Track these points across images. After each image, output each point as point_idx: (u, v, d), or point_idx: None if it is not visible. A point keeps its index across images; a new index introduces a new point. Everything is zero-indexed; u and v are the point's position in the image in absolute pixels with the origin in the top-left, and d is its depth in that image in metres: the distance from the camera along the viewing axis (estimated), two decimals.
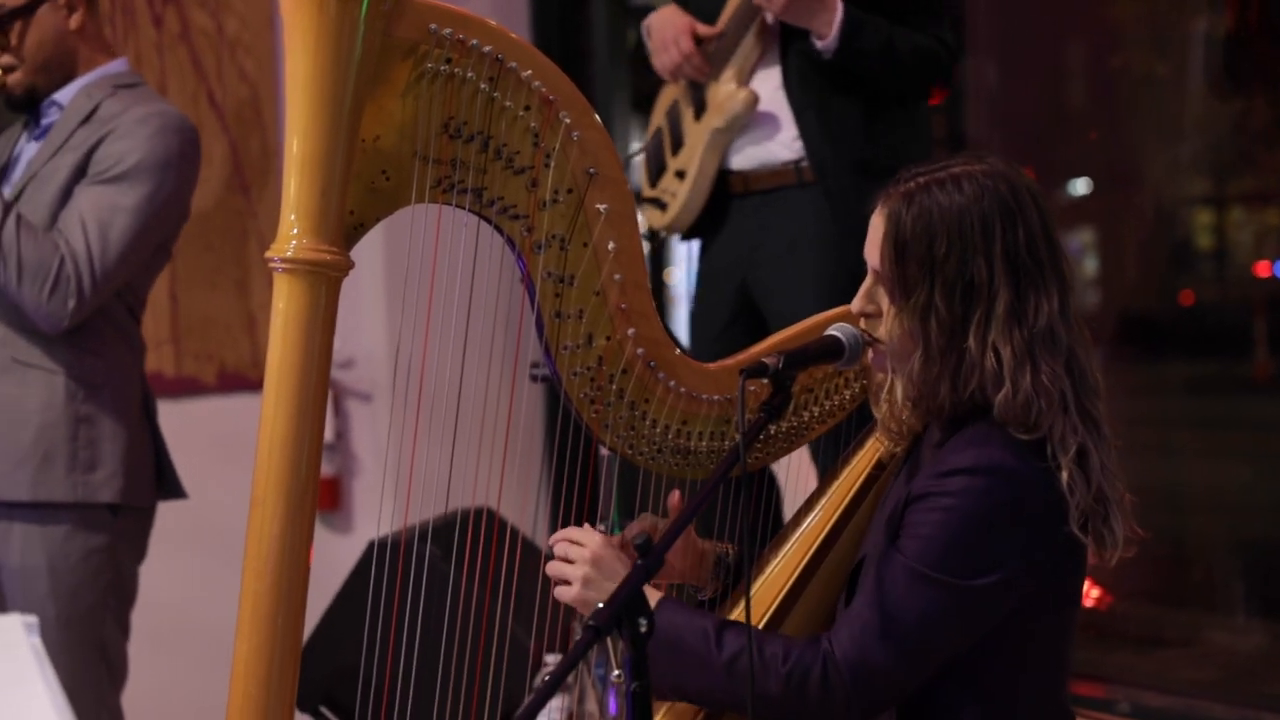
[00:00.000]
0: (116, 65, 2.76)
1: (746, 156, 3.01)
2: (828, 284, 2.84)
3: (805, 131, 2.91)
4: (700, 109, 3.05)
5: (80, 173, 2.63)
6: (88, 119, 2.66)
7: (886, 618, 1.68)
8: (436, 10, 1.74)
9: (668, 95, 3.19)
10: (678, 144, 3.10)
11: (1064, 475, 1.69)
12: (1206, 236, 4.10)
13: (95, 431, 2.65)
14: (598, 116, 1.83)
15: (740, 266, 3.02)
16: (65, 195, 2.62)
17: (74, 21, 2.69)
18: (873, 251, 1.78)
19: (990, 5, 4.05)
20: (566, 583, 1.79)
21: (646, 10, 3.25)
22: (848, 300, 1.87)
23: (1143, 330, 4.04)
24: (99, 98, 2.68)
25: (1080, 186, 4.22)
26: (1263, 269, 3.92)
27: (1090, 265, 4.20)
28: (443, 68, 1.74)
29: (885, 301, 1.77)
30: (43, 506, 2.63)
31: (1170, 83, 4.01)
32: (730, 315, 3.04)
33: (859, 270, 1.85)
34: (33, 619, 1.32)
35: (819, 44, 2.85)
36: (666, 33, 3.03)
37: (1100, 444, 1.73)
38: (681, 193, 3.05)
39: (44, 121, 2.72)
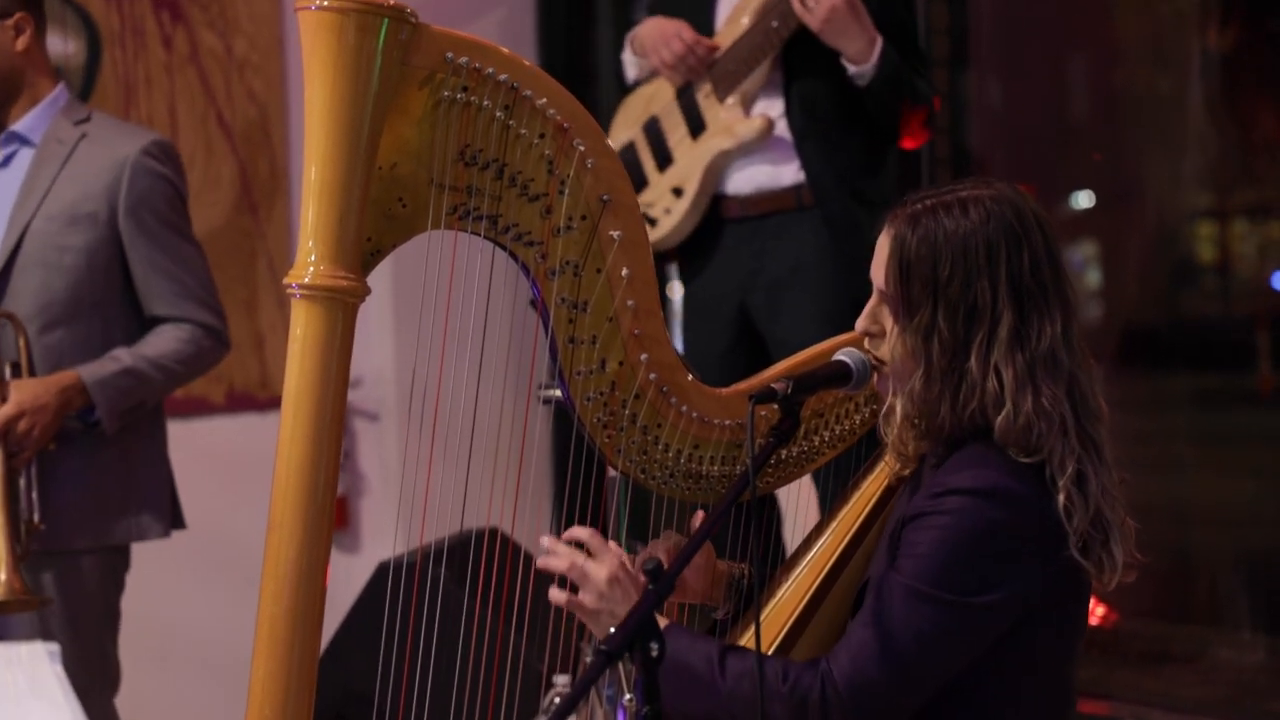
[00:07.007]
0: (60, 94, 2.77)
1: (743, 180, 3.04)
2: (831, 306, 2.87)
3: (806, 159, 2.95)
4: (698, 127, 3.06)
5: (110, 221, 2.68)
6: (67, 161, 2.70)
7: (884, 636, 1.68)
8: (453, 39, 1.76)
9: (635, 108, 3.21)
10: (664, 160, 3.12)
11: (1061, 498, 1.70)
12: (1209, 249, 4.12)
13: (158, 478, 2.77)
14: (611, 143, 1.84)
15: (739, 291, 3.05)
16: (84, 233, 2.68)
17: (21, 43, 2.70)
18: (878, 271, 1.79)
19: (993, 22, 4.07)
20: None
21: None
22: (851, 322, 1.89)
23: (1146, 344, 4.05)
24: (69, 141, 2.71)
25: (1083, 200, 4.24)
26: (1267, 281, 3.94)
27: (1093, 279, 4.21)
28: (459, 96, 1.76)
29: (889, 321, 1.79)
30: (100, 549, 2.72)
31: (1172, 97, 4.04)
32: (730, 340, 3.06)
33: (859, 295, 1.86)
34: (55, 647, 1.34)
35: (854, 69, 2.89)
36: (666, 29, 3.05)
37: (1100, 468, 1.74)
38: (678, 210, 3.08)
39: (2, 152, 2.75)
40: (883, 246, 1.79)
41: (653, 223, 3.11)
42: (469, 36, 1.78)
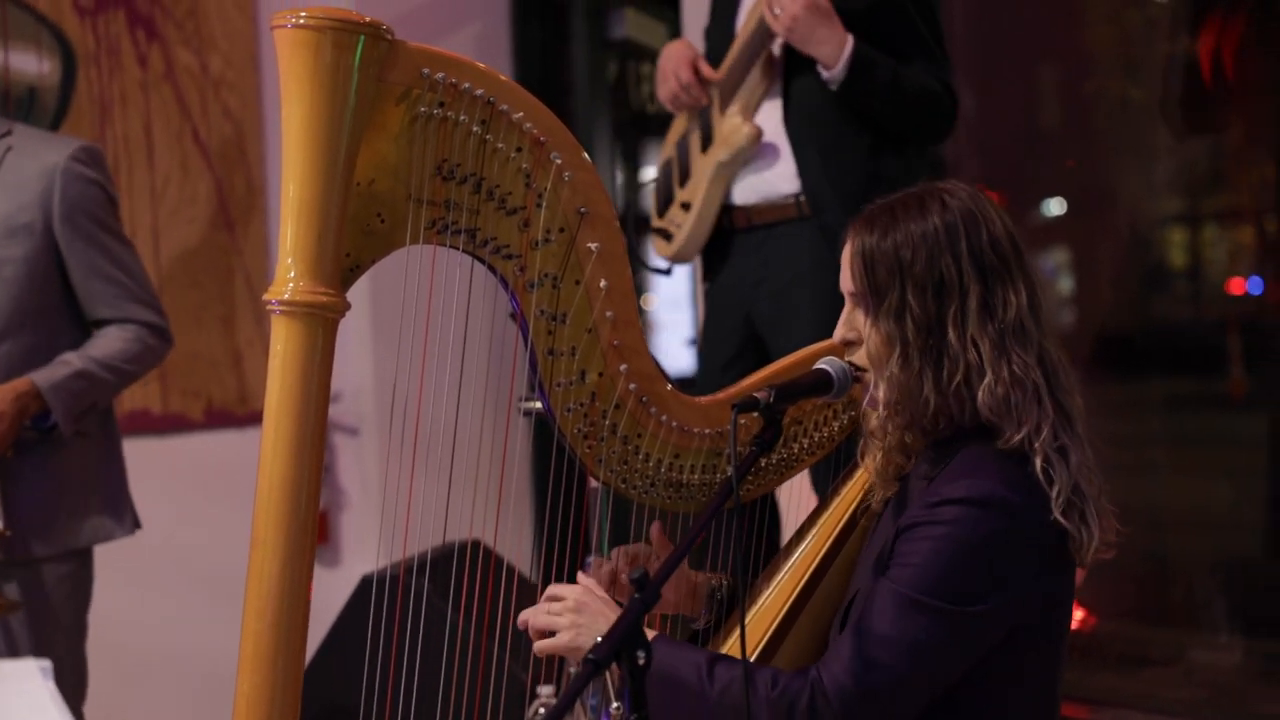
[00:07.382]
0: None
1: (748, 190, 3.04)
2: (830, 316, 2.85)
3: (803, 167, 2.93)
4: (708, 141, 3.07)
5: (46, 229, 2.68)
6: None
7: (875, 644, 1.69)
8: (429, 55, 1.77)
9: (680, 126, 3.21)
10: (685, 175, 3.12)
11: (1038, 460, 1.71)
12: (1180, 255, 4.15)
13: (115, 478, 2.77)
14: (587, 156, 1.86)
15: (744, 301, 3.05)
16: (22, 244, 2.67)
17: None
18: (845, 276, 1.82)
19: (966, 30, 4.10)
20: (553, 632, 1.81)
21: (625, 44, 3.30)
22: None
23: (1119, 349, 4.07)
24: None
25: (1055, 207, 4.27)
26: (1236, 286, 3.96)
27: (1066, 285, 4.24)
28: (435, 111, 1.77)
29: (863, 321, 1.81)
30: (70, 553, 2.72)
31: (1143, 105, 4.07)
32: (736, 349, 3.06)
33: None
34: (47, 663, 1.34)
35: (825, 74, 2.86)
36: (669, 64, 3.08)
37: (1074, 440, 1.76)
38: (686, 225, 3.08)
39: None
40: (846, 254, 1.82)
41: (669, 238, 3.12)
42: (445, 52, 1.78)
